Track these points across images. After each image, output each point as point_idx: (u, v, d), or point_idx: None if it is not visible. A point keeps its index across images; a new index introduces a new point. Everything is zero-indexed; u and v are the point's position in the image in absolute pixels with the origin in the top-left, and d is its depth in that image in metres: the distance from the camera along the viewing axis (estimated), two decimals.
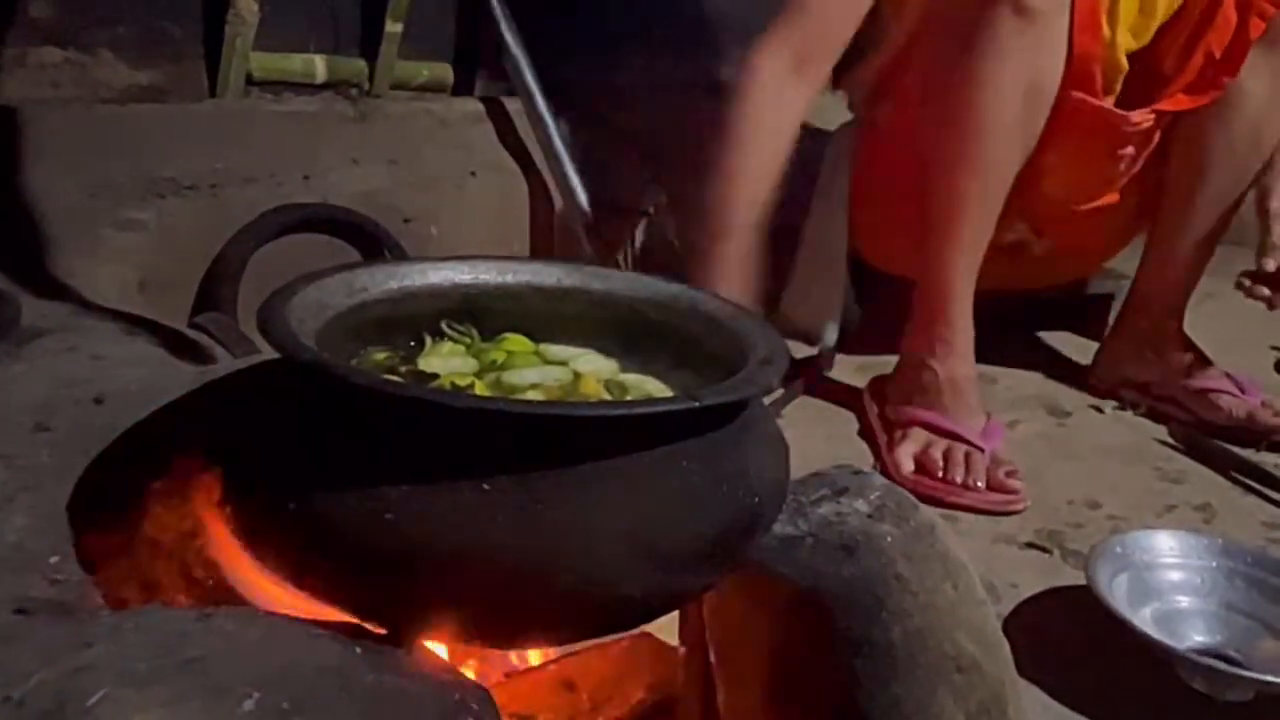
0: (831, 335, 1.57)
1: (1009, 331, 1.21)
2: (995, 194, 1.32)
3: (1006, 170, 1.31)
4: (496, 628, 0.63)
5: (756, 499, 0.66)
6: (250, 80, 1.57)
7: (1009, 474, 1.27)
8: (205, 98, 1.53)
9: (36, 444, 0.72)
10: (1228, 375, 1.53)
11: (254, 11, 1.53)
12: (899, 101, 1.52)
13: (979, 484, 1.26)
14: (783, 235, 1.66)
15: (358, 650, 0.57)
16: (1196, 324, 1.57)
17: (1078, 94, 1.34)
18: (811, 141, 1.51)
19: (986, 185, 1.31)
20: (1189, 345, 1.57)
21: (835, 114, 1.68)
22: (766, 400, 1.15)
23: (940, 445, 1.29)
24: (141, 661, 0.51)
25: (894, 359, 1.43)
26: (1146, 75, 1.43)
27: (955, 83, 1.29)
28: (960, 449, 1.29)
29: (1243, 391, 1.50)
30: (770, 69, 1.29)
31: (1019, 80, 1.26)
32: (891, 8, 1.42)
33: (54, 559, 0.65)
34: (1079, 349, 1.76)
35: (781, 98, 1.30)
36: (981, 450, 1.29)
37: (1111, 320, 1.67)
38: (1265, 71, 1.38)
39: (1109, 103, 1.40)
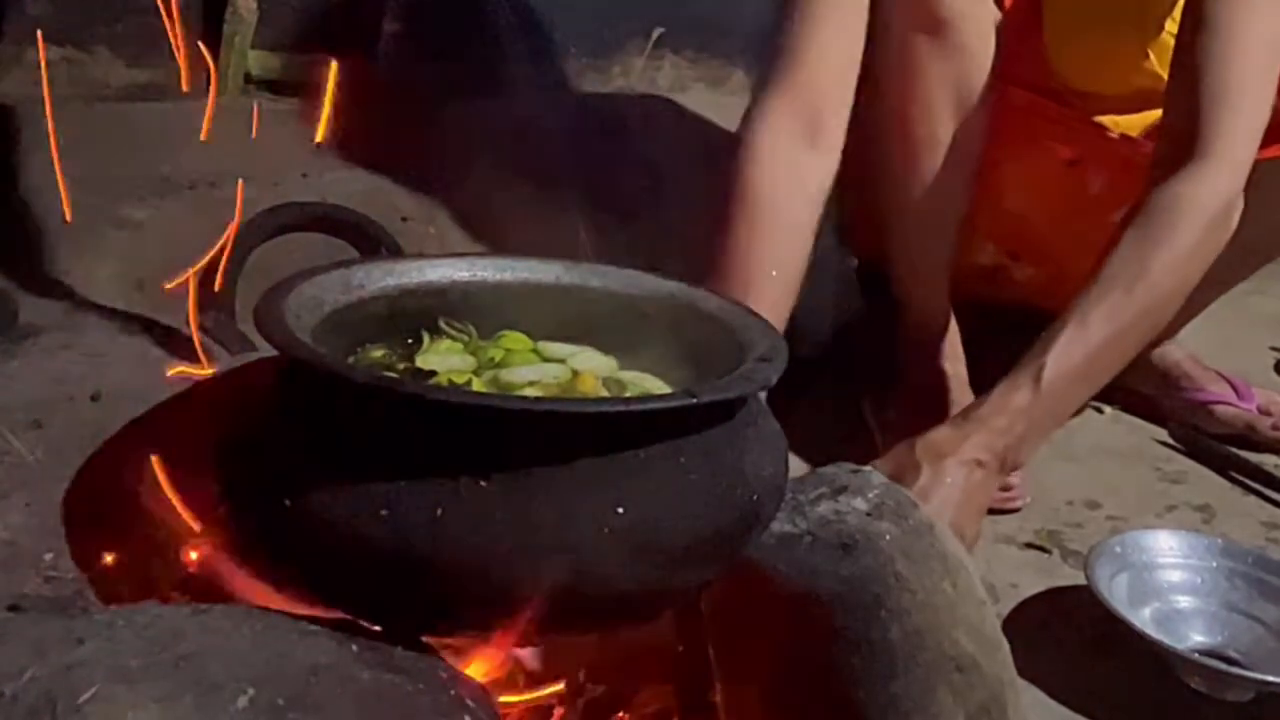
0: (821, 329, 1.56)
1: (1006, 333, 1.21)
2: (947, 203, 1.30)
3: (955, 178, 1.28)
4: (493, 624, 0.63)
5: (755, 496, 0.66)
6: (249, 79, 1.57)
7: None
8: (204, 96, 1.53)
9: (31, 441, 0.71)
10: (1225, 379, 1.53)
11: (253, 10, 1.53)
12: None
13: None
14: None
15: (354, 647, 0.57)
16: (1195, 324, 1.56)
17: (1018, 92, 1.31)
18: None
19: (936, 195, 1.28)
20: (1185, 352, 1.56)
21: None
22: None
23: None
24: (134, 658, 0.50)
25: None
26: None
27: (885, 98, 1.27)
28: None
29: (1239, 396, 1.50)
30: (778, 146, 1.10)
31: (947, 88, 1.22)
32: None
33: (48, 556, 0.65)
34: None
35: (798, 178, 1.10)
36: None
37: None
38: None
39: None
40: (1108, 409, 1.54)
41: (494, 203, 1.63)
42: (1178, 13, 1.27)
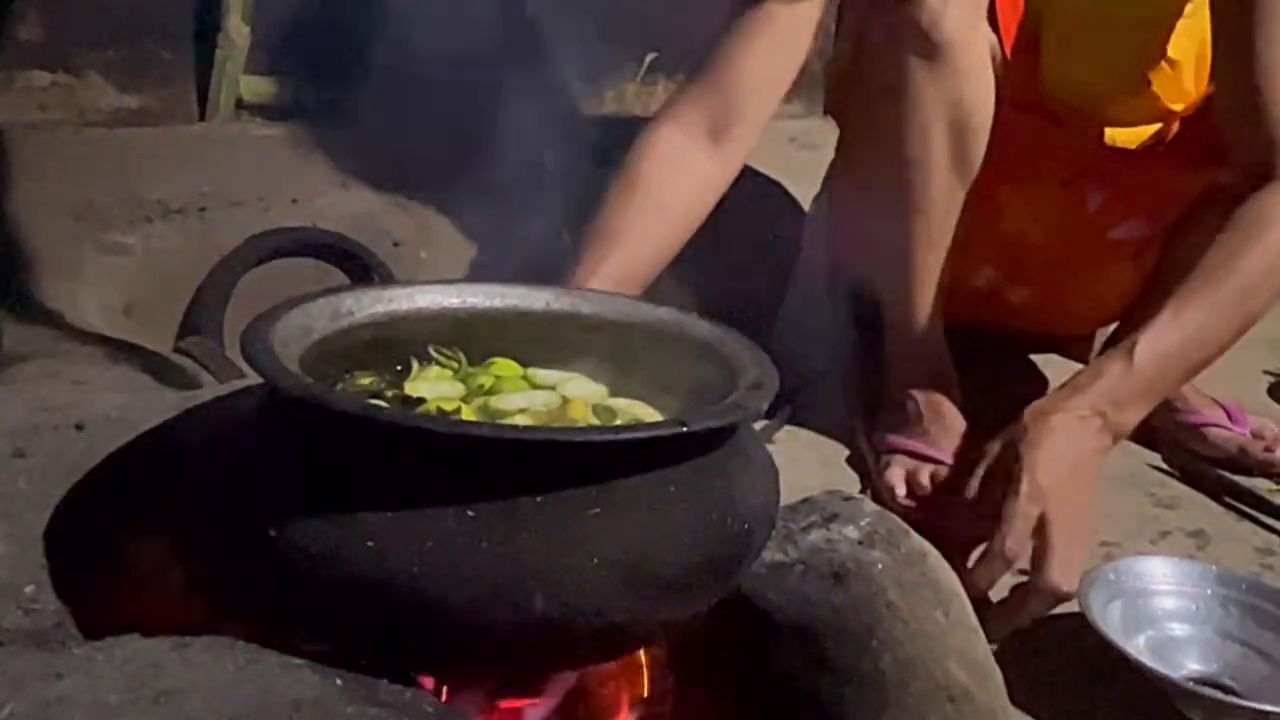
0: (820, 360, 1.56)
1: (998, 356, 1.20)
2: (941, 226, 1.29)
3: (949, 201, 1.27)
4: (481, 656, 0.62)
5: (745, 525, 0.66)
6: (240, 104, 1.57)
7: None
8: (195, 121, 1.53)
9: (14, 471, 0.70)
10: (1218, 403, 1.52)
11: (245, 35, 1.53)
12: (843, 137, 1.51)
13: None
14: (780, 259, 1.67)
15: (338, 682, 0.56)
16: None
17: (1012, 111, 1.31)
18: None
19: (930, 219, 1.28)
20: None
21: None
22: (755, 426, 1.13)
23: (926, 470, 1.29)
24: (114, 693, 0.50)
25: None
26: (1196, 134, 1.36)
27: (879, 122, 1.27)
28: (945, 474, 1.28)
29: (1232, 421, 1.49)
30: (674, 138, 1.14)
31: (942, 112, 1.22)
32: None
33: (29, 588, 0.64)
34: (1069, 372, 1.75)
35: (685, 171, 1.14)
36: None
37: (1097, 348, 1.65)
38: None
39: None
40: None
41: (486, 228, 1.63)
42: (1178, 32, 1.28)
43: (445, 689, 0.66)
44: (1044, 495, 1.03)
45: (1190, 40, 1.25)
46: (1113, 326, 1.61)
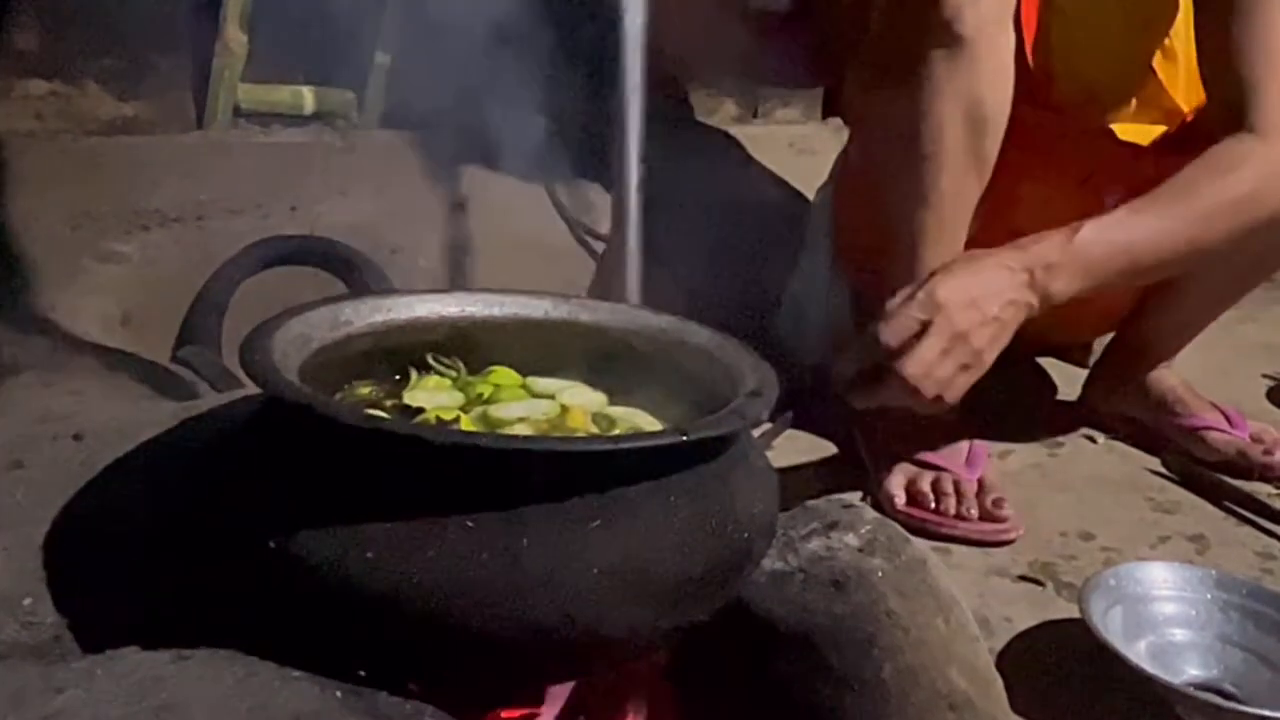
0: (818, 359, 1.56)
1: (1002, 361, 1.20)
2: (952, 223, 1.29)
3: (961, 199, 1.26)
4: (481, 667, 0.62)
5: (745, 534, 0.66)
6: (238, 111, 1.57)
7: (996, 502, 1.25)
8: (193, 129, 1.53)
9: (12, 482, 0.70)
10: (1217, 407, 1.52)
11: (242, 44, 1.53)
12: (855, 129, 1.50)
13: (972, 512, 1.25)
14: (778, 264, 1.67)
15: (338, 693, 0.56)
16: (1188, 352, 1.56)
17: (1026, 108, 1.31)
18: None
19: (941, 215, 1.27)
20: (1177, 379, 1.56)
21: (836, 142, 1.67)
22: (756, 433, 1.13)
23: (927, 477, 1.28)
24: (114, 707, 0.49)
25: None
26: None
27: (894, 114, 1.27)
28: (948, 479, 1.27)
29: (1232, 425, 1.49)
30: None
31: (959, 108, 1.21)
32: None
33: (28, 601, 0.64)
34: (1069, 377, 1.76)
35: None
36: (968, 479, 1.27)
37: (1095, 354, 1.65)
38: None
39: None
40: (1101, 439, 1.54)
41: (484, 236, 1.63)
42: (1180, 28, 1.29)
43: (445, 700, 0.66)
44: (935, 307, 1.05)
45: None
46: (1109, 335, 1.62)
